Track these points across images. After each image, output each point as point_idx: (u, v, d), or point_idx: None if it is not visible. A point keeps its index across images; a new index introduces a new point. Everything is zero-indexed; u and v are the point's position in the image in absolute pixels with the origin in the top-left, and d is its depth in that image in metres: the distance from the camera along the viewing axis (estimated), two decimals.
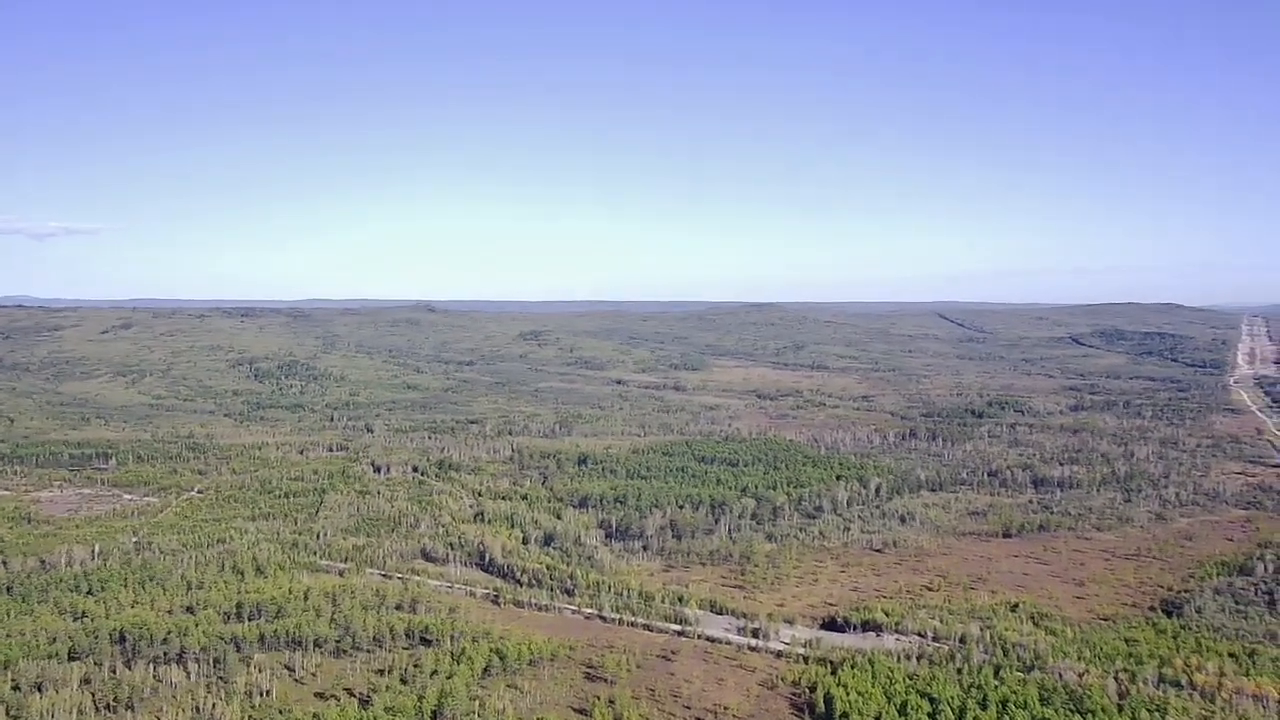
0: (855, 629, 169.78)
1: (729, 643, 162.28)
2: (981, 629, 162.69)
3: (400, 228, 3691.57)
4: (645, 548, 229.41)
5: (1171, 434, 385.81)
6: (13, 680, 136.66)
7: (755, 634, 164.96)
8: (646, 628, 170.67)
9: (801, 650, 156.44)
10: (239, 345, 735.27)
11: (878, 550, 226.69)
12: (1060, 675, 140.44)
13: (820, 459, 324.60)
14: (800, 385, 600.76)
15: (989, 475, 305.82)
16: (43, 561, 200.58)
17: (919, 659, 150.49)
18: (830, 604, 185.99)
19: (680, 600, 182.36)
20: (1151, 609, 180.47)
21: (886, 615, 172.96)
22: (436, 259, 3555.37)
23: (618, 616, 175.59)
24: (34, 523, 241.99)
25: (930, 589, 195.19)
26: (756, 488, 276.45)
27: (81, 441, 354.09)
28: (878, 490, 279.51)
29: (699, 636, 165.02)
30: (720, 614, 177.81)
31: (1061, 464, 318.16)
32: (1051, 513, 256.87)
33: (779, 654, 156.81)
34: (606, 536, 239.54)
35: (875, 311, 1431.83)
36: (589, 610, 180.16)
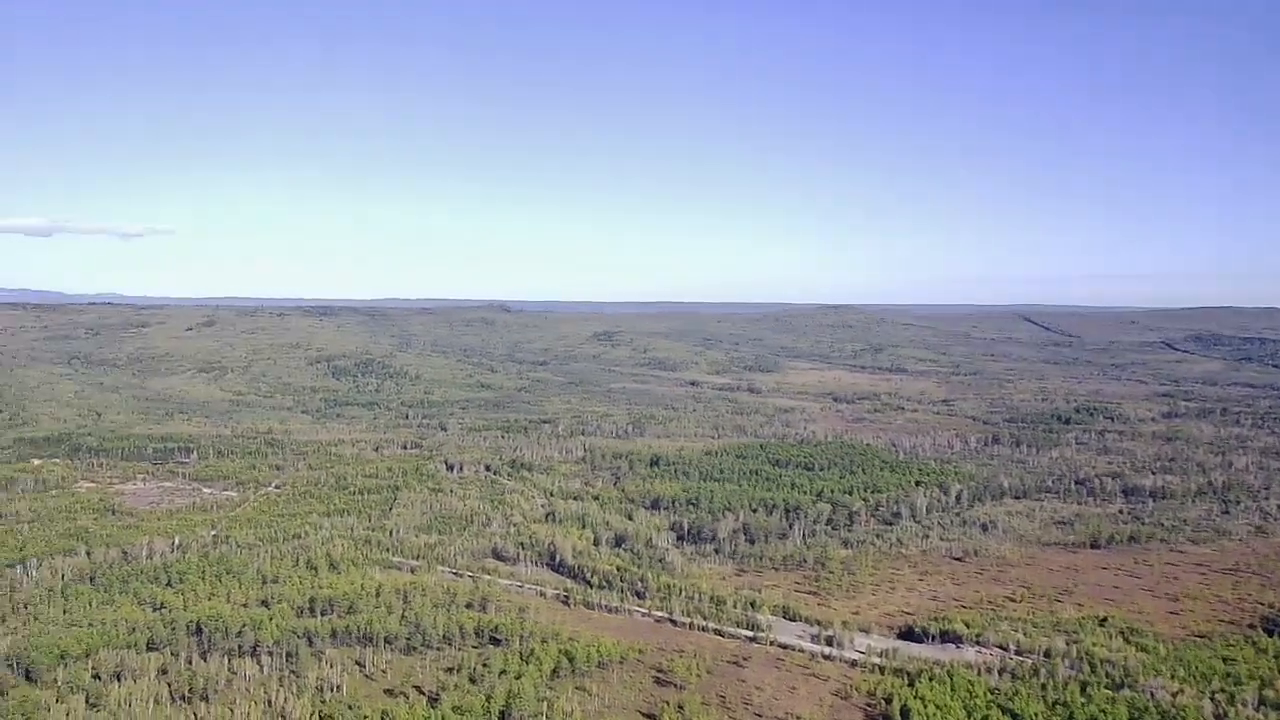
0: (933, 639, 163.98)
1: (802, 650, 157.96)
2: (1067, 643, 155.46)
3: (476, 228, 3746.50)
4: (717, 551, 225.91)
5: (1273, 443, 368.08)
6: (93, 669, 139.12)
7: (829, 642, 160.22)
8: (718, 633, 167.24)
9: (877, 660, 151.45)
10: (317, 343, 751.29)
11: (958, 559, 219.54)
12: (1152, 695, 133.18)
13: (898, 464, 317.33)
14: (877, 388, 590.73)
15: (1076, 484, 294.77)
16: (125, 552, 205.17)
17: (1001, 673, 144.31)
18: (907, 613, 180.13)
19: (752, 605, 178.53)
20: (1251, 626, 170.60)
21: (967, 626, 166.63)
22: (511, 259, 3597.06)
23: (688, 620, 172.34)
24: (118, 514, 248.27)
25: (1013, 600, 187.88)
26: (832, 492, 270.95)
27: (164, 436, 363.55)
28: (958, 497, 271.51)
29: (771, 643, 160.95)
30: (793, 620, 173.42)
31: (1154, 473, 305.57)
32: (1143, 524, 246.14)
33: (854, 663, 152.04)
34: (678, 539, 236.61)
35: (956, 314, 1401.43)
36: (659, 613, 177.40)
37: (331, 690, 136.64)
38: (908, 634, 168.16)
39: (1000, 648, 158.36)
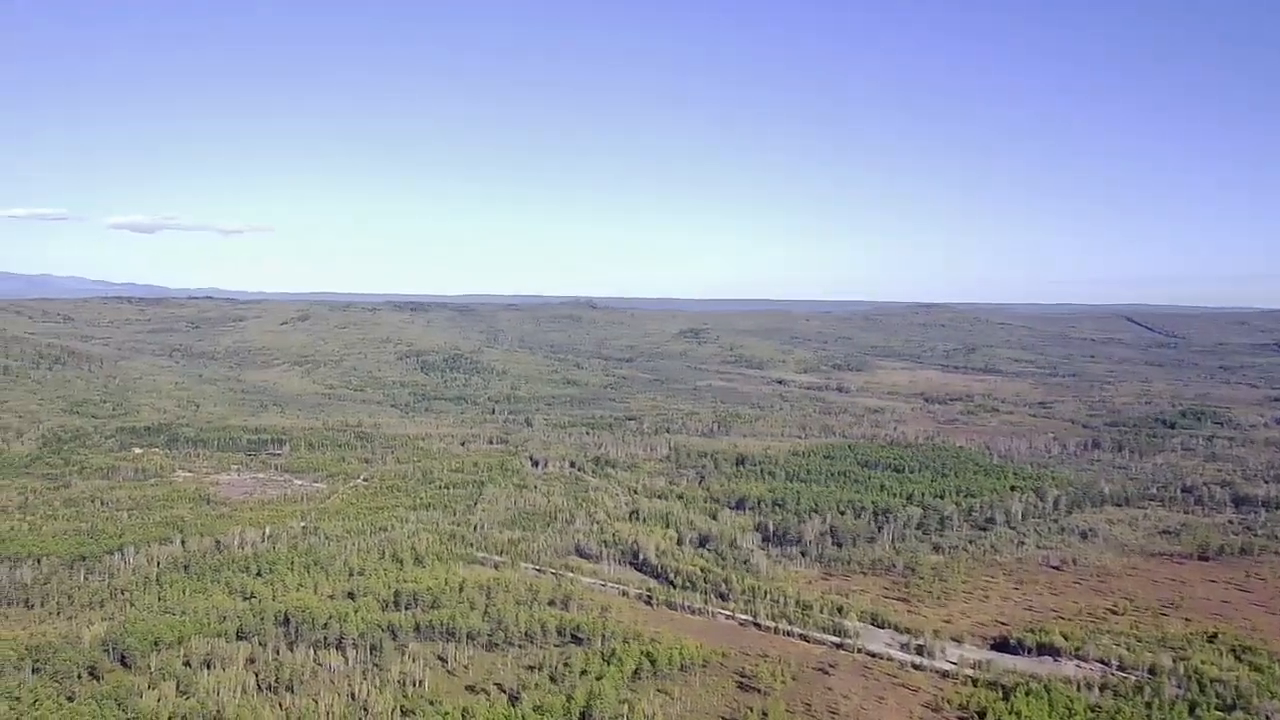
0: (1029, 652, 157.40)
1: (891, 659, 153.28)
2: (1174, 660, 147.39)
3: (564, 225, 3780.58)
4: (803, 554, 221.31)
5: None
6: (185, 656, 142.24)
7: (919, 651, 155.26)
8: (803, 638, 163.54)
9: (970, 671, 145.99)
10: (407, 338, 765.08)
11: (1055, 567, 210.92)
12: (1267, 717, 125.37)
13: (992, 467, 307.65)
14: (971, 389, 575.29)
15: (1182, 491, 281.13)
16: (218, 542, 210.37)
17: (1102, 689, 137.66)
18: (1002, 623, 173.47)
19: (839, 611, 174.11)
20: None
21: (1065, 639, 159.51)
22: (599, 256, 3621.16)
23: (773, 625, 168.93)
24: (212, 504, 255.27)
25: (1115, 612, 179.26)
26: (923, 495, 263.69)
27: (258, 428, 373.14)
28: (1056, 503, 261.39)
29: (859, 650, 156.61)
30: (882, 627, 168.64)
31: (1267, 481, 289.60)
32: (1255, 535, 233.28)
33: (945, 674, 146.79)
34: (763, 540, 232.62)
35: (1054, 313, 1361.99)
36: (743, 616, 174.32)
37: (413, 685, 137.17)
38: (1002, 645, 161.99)
39: (1101, 663, 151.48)
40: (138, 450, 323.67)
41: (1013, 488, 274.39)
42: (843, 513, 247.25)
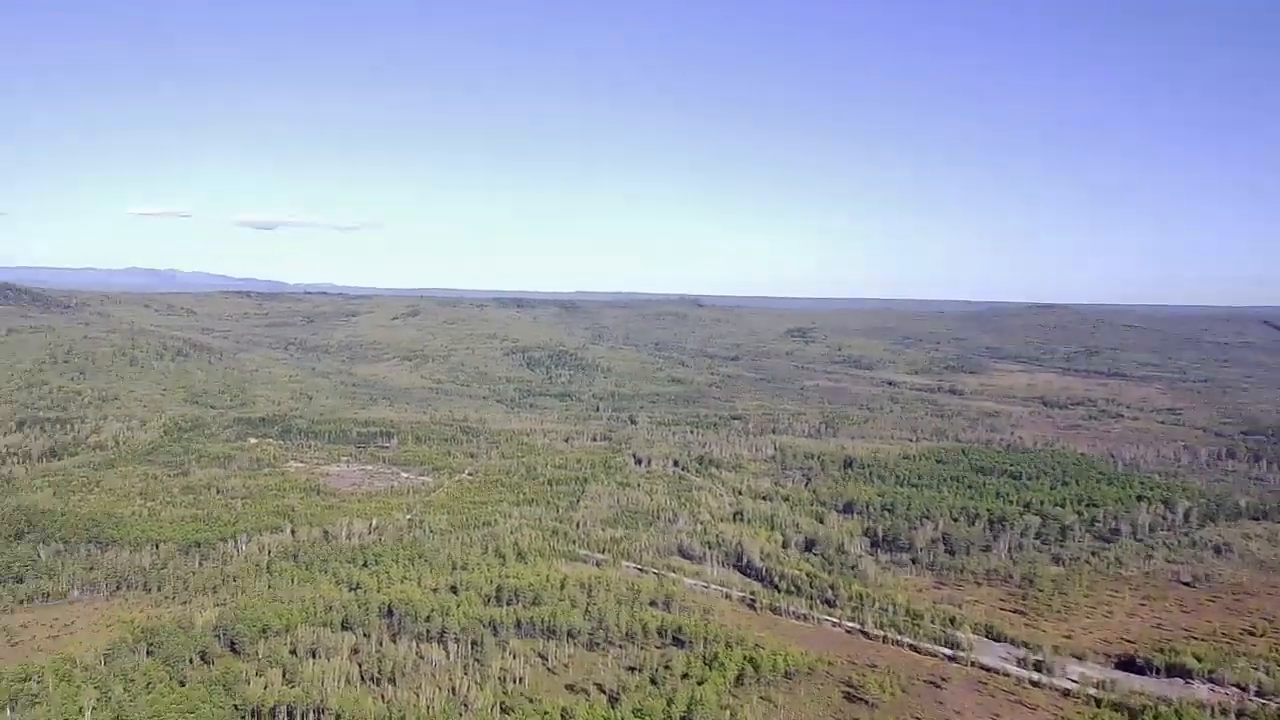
0: (1158, 673, 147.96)
1: (1007, 674, 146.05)
2: None
3: (669, 222, 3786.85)
4: (914, 561, 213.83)
5: None
6: (291, 644, 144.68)
7: (1038, 667, 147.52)
8: (913, 648, 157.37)
9: (1093, 691, 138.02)
10: (513, 334, 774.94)
11: (1186, 584, 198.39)
12: None
13: (1117, 476, 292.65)
14: (1093, 394, 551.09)
15: None
16: (326, 532, 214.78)
17: (1238, 716, 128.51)
18: (1127, 640, 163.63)
19: (952, 622, 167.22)
20: None
21: (1198, 660, 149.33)
22: (704, 253, 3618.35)
23: (881, 633, 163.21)
24: (321, 494, 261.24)
25: (1252, 634, 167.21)
26: (1041, 504, 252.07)
27: (368, 420, 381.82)
28: (1186, 515, 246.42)
29: (972, 664, 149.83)
30: (997, 641, 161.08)
31: None
32: None
33: (1066, 693, 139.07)
34: (872, 546, 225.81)
35: (1183, 315, 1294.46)
36: (850, 624, 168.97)
37: (514, 681, 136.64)
38: (1128, 664, 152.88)
39: (1238, 687, 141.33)
40: (253, 440, 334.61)
41: (1139, 498, 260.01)
42: (956, 519, 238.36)
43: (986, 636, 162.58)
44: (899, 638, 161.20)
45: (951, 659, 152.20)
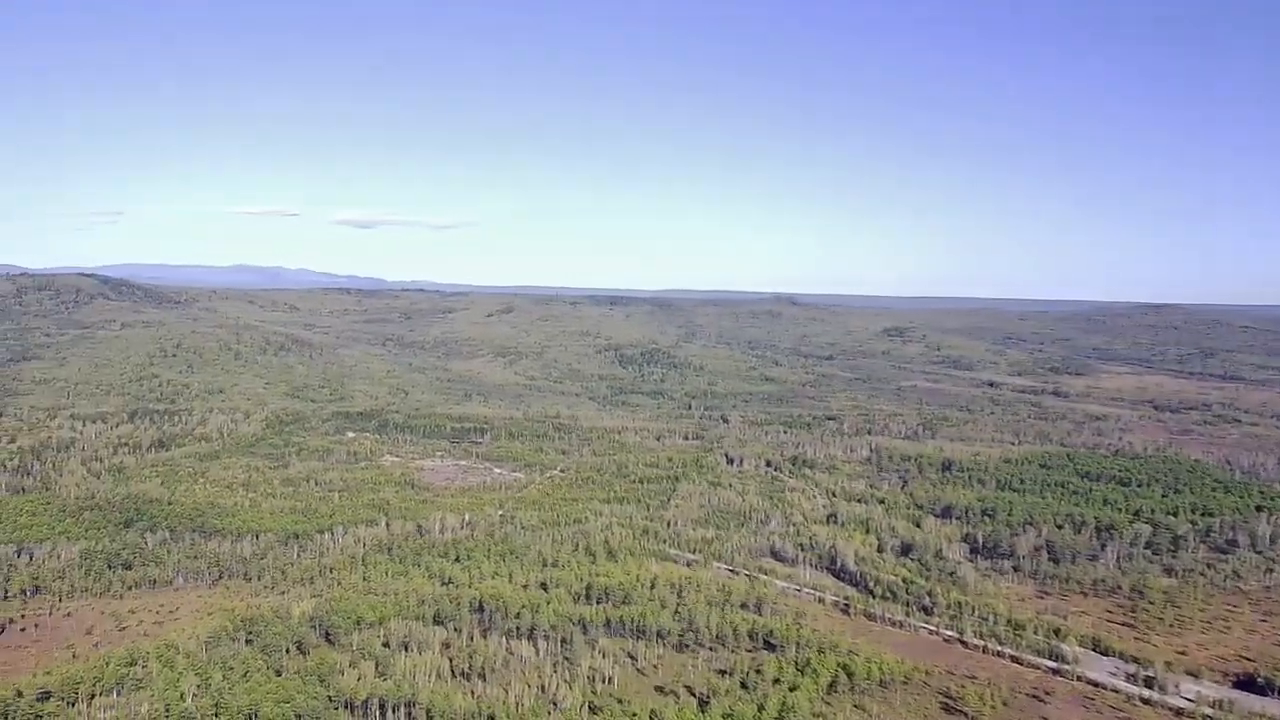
0: None
1: (1115, 690, 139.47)
2: None
3: (764, 221, 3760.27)
4: (1016, 569, 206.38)
5: None
6: (384, 637, 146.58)
7: (1149, 684, 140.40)
8: (1015, 660, 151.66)
9: (1209, 711, 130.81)
10: (606, 332, 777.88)
11: None
12: None
13: (1234, 484, 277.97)
14: (1208, 397, 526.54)
15: None
16: (419, 526, 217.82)
17: None
18: (1247, 658, 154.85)
19: (1056, 633, 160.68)
20: None
21: None
22: (799, 251, 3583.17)
23: (981, 643, 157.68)
24: (416, 489, 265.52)
25: None
26: (1152, 512, 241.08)
27: (462, 416, 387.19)
28: None
29: (1078, 678, 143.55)
30: (1104, 655, 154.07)
31: None
32: None
33: (1179, 712, 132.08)
34: (971, 552, 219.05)
35: None
36: (948, 632, 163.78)
37: (603, 681, 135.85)
38: (1247, 684, 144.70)
39: None
40: (350, 434, 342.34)
41: (1259, 508, 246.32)
42: (1060, 526, 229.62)
43: (1093, 650, 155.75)
44: (999, 648, 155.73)
45: (1056, 672, 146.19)
